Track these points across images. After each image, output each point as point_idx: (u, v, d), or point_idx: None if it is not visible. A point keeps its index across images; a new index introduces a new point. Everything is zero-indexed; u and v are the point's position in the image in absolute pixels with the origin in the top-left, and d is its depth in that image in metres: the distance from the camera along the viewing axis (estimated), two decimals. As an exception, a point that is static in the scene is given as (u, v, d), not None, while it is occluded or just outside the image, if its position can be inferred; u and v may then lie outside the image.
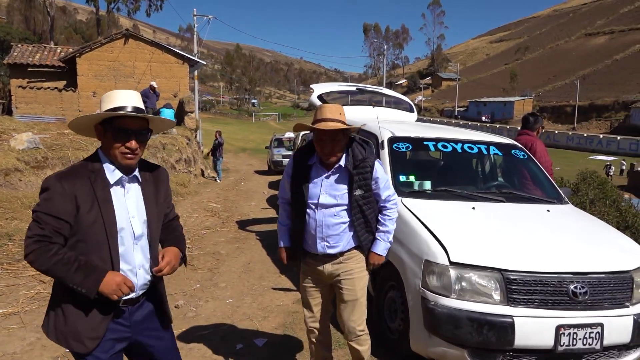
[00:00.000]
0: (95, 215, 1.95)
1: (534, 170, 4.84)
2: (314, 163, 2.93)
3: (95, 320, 2.00)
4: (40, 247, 1.88)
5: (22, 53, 21.72)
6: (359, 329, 3.05)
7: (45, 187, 1.94)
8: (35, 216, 1.93)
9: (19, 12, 50.56)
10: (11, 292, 5.05)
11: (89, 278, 1.91)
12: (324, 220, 2.89)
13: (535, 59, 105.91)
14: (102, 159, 2.05)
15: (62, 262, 1.89)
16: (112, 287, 1.94)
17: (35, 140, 9.62)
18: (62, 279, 1.92)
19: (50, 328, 2.03)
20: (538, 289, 3.16)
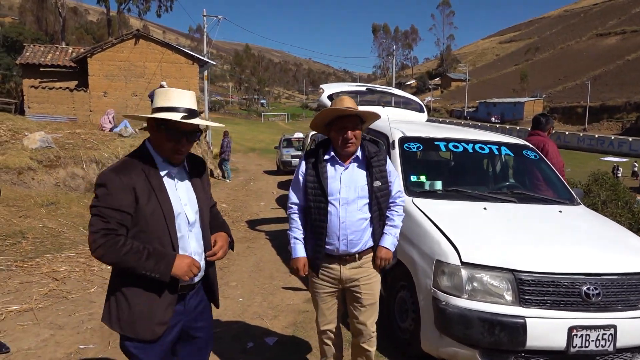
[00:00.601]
0: (154, 205, 2.01)
1: (546, 170, 4.82)
2: (331, 157, 2.92)
3: (161, 307, 2.04)
4: (108, 241, 1.92)
5: (34, 53, 21.93)
6: (372, 331, 3.06)
7: (102, 182, 1.97)
8: (97, 211, 1.96)
9: (31, 13, 51.06)
10: (25, 289, 5.11)
11: (161, 263, 1.96)
12: (347, 217, 2.85)
13: (545, 59, 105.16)
14: (151, 151, 2.10)
15: (132, 252, 1.93)
16: (184, 269, 2.01)
17: (48, 139, 9.72)
18: (134, 269, 1.95)
19: (113, 319, 2.06)
20: (550, 290, 3.15)
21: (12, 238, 6.55)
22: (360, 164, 2.91)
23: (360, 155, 2.92)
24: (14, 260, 5.89)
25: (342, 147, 2.85)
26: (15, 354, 3.75)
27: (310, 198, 2.93)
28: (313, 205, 2.93)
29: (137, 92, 21.31)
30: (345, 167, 2.90)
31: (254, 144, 39.79)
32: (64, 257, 6.23)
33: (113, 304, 2.07)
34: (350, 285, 2.98)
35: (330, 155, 2.92)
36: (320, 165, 2.91)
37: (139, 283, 2.01)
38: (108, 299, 2.11)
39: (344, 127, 2.81)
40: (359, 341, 3.10)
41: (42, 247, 6.53)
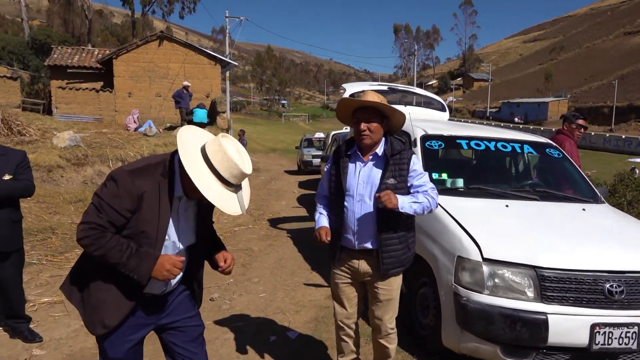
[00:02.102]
0: (151, 221, 2.00)
1: (569, 169, 4.79)
2: (353, 153, 2.98)
3: (112, 308, 2.04)
4: (95, 234, 1.94)
5: (61, 55, 22.48)
6: (390, 327, 3.07)
7: (115, 178, 1.95)
8: (97, 202, 1.96)
9: (59, 16, 52.21)
10: (55, 282, 5.28)
11: (141, 265, 1.97)
12: (362, 212, 2.89)
13: (571, 58, 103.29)
14: (176, 172, 2.05)
15: (116, 248, 1.94)
16: (163, 273, 2.01)
17: (76, 138, 9.98)
18: (115, 265, 1.97)
19: (75, 296, 2.10)
20: (572, 287, 3.14)
21: (42, 233, 6.77)
22: (379, 160, 2.93)
23: (381, 152, 2.93)
24: (45, 254, 6.09)
25: (358, 138, 2.91)
26: (48, 343, 3.89)
27: (332, 192, 3.03)
28: (333, 199, 3.03)
29: (160, 93, 21.68)
30: (364, 164, 2.94)
31: (274, 144, 39.97)
32: (92, 252, 6.40)
33: (77, 281, 2.11)
34: (368, 279, 3.02)
35: (352, 150, 2.98)
36: (342, 160, 2.97)
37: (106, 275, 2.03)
38: (74, 272, 2.15)
39: (358, 119, 2.87)
40: (377, 337, 3.13)
41: (71, 242, 6.71)
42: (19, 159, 3.64)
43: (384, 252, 2.89)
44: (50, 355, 3.71)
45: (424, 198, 2.83)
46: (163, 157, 2.10)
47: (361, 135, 2.86)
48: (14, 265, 3.73)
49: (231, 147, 1.97)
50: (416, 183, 2.90)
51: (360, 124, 2.85)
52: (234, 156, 1.95)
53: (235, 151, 1.97)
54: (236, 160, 1.95)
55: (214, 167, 1.95)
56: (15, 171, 3.56)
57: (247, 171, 2.00)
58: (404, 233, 2.95)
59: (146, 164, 2.03)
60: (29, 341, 3.85)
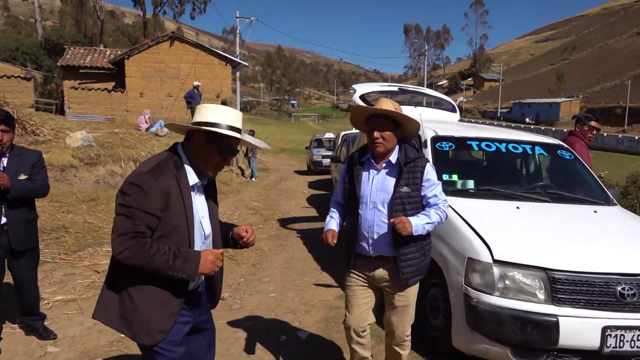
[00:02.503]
0: (180, 214, 2.01)
1: (581, 171, 4.77)
2: (367, 160, 2.96)
3: (164, 311, 2.04)
4: (137, 243, 1.90)
5: (74, 56, 22.70)
6: (406, 335, 3.04)
7: (138, 182, 1.93)
8: (126, 212, 1.92)
9: (71, 17, 52.72)
10: (69, 280, 5.35)
11: (187, 263, 1.97)
12: (375, 220, 2.87)
13: (583, 58, 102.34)
14: (184, 158, 2.09)
15: (160, 253, 1.92)
16: (209, 265, 2.03)
17: (89, 138, 10.09)
18: (160, 270, 1.94)
19: (113, 317, 2.04)
20: (584, 289, 3.14)
21: (56, 232, 6.86)
22: (393, 168, 2.90)
23: (394, 159, 2.89)
24: (58, 253, 6.17)
25: (371, 146, 2.89)
26: (62, 340, 3.95)
27: (346, 199, 3.03)
28: (347, 206, 3.03)
29: (171, 93, 21.82)
30: (377, 171, 2.92)
31: (284, 144, 40.02)
32: (104, 251, 6.47)
33: (114, 304, 2.04)
34: (384, 285, 2.99)
35: (366, 158, 2.96)
36: (356, 168, 2.97)
37: (147, 283, 2.00)
38: (106, 295, 2.08)
39: (371, 127, 2.85)
40: (391, 343, 3.11)
41: (84, 241, 6.80)
42: (34, 159, 3.70)
43: (402, 261, 2.85)
44: (64, 352, 3.77)
45: (436, 215, 2.84)
46: (167, 153, 2.11)
47: (374, 143, 2.84)
48: (30, 263, 3.80)
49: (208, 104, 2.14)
50: (429, 194, 2.88)
51: (373, 132, 2.83)
52: (222, 106, 2.12)
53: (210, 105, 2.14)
54: (223, 107, 2.11)
55: (217, 121, 2.06)
56: (31, 171, 3.62)
57: (237, 112, 2.13)
58: (421, 241, 2.92)
59: (158, 162, 2.03)
60: (43, 338, 3.91)
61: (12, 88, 19.77)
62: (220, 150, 2.07)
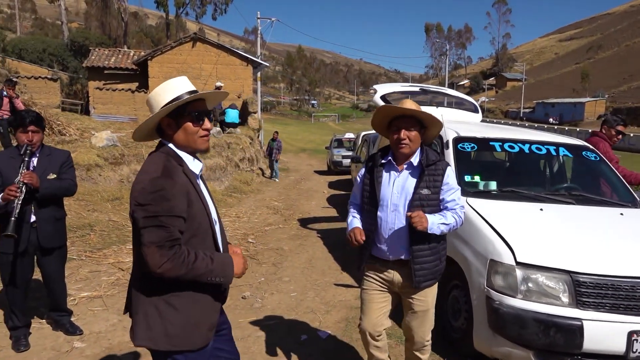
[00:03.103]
0: (199, 207, 1.96)
1: (607, 172, 4.68)
2: (387, 162, 2.92)
3: (211, 311, 2.03)
4: (176, 252, 1.81)
5: (99, 57, 23.12)
6: (426, 340, 3.01)
7: (157, 189, 1.82)
8: (155, 222, 1.80)
9: (96, 19, 53.59)
10: (94, 277, 5.47)
11: (226, 266, 1.95)
12: (396, 223, 2.84)
13: (609, 57, 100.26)
14: (179, 152, 2.00)
15: (199, 259, 1.86)
16: (241, 266, 2.02)
17: (114, 138, 10.27)
18: (200, 276, 1.87)
19: (158, 337, 1.90)
20: (609, 293, 3.09)
21: (81, 230, 7.00)
22: (414, 170, 2.87)
23: (416, 161, 2.87)
24: (84, 250, 6.31)
25: (396, 147, 2.85)
26: (88, 336, 4.04)
27: (364, 201, 2.98)
28: (366, 209, 2.97)
29: (193, 93, 22.00)
30: (399, 173, 2.88)
31: (304, 145, 40.15)
32: (128, 249, 6.59)
33: (155, 320, 1.90)
34: (402, 290, 2.96)
35: (387, 159, 2.92)
36: (377, 169, 2.92)
37: (187, 292, 1.93)
38: (145, 317, 1.92)
39: (398, 127, 2.82)
40: (412, 348, 3.08)
41: (109, 239, 6.93)
42: (63, 158, 3.79)
43: (415, 264, 2.83)
44: (90, 347, 3.85)
45: (452, 218, 2.81)
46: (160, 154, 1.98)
47: (401, 144, 2.81)
48: (58, 260, 3.90)
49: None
50: (447, 198, 2.84)
51: (400, 132, 2.80)
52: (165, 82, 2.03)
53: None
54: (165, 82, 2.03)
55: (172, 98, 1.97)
56: (59, 170, 3.72)
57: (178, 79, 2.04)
58: (435, 244, 2.88)
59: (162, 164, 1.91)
60: (70, 334, 4.01)
61: (39, 89, 20.24)
62: (193, 120, 1.98)
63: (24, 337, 3.79)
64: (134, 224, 1.91)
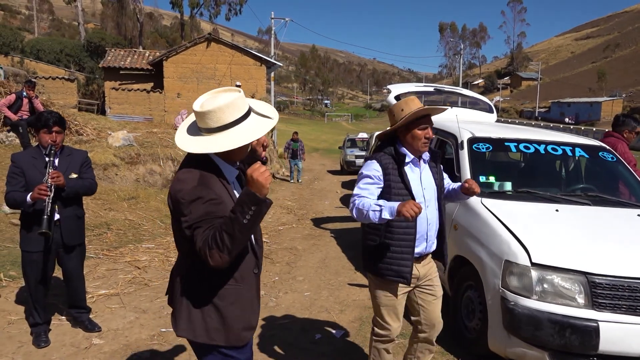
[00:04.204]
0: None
1: (624, 173, 4.64)
2: (411, 160, 2.90)
3: (250, 311, 2.08)
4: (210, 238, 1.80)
5: (114, 57, 23.38)
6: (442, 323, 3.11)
7: (196, 196, 1.85)
8: (206, 224, 1.83)
9: (112, 19, 54.20)
10: (111, 275, 5.55)
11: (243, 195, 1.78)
12: (432, 217, 2.91)
13: (626, 56, 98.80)
14: (216, 159, 2.00)
15: (226, 223, 1.78)
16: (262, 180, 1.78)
17: (130, 138, 10.40)
18: (241, 231, 1.77)
19: (199, 330, 1.99)
20: (626, 295, 3.07)
21: (98, 229, 7.11)
22: (426, 164, 2.97)
23: (426, 155, 2.97)
24: (101, 249, 6.40)
25: (422, 145, 2.85)
26: (106, 333, 4.12)
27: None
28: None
29: (208, 93, 22.16)
30: (420, 169, 2.93)
31: (317, 144, 40.19)
32: (144, 247, 6.68)
33: (196, 314, 2.00)
34: (424, 281, 2.98)
35: (410, 157, 2.89)
36: (402, 168, 2.86)
37: (227, 292, 2.00)
38: (187, 310, 2.02)
39: (425, 127, 2.84)
40: (431, 336, 3.07)
41: (125, 237, 7.03)
42: (82, 158, 3.90)
43: (445, 247, 3.06)
44: (108, 344, 3.92)
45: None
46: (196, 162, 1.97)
47: (426, 142, 2.86)
48: (78, 257, 3.99)
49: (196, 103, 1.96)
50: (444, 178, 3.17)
51: (428, 130, 2.84)
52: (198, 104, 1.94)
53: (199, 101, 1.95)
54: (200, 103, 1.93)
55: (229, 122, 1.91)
56: (80, 170, 3.81)
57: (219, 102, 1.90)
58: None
59: (200, 174, 1.92)
60: (89, 330, 4.08)
61: (56, 89, 20.56)
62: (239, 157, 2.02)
63: (44, 333, 3.87)
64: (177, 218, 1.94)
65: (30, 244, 3.68)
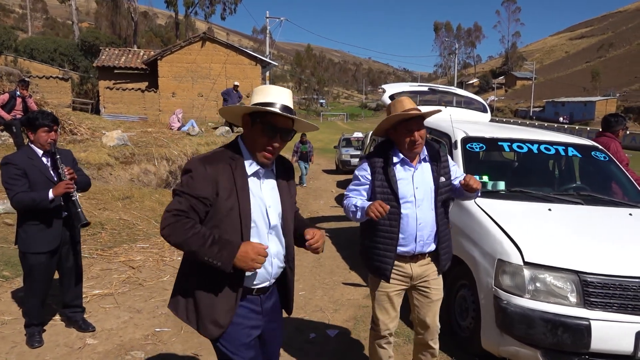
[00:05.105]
0: (233, 202, 1.98)
1: (616, 172, 4.68)
2: (400, 160, 2.92)
3: (222, 307, 2.02)
4: (177, 221, 1.92)
5: (109, 56, 23.32)
6: (439, 326, 3.09)
7: (188, 168, 1.98)
8: (178, 193, 1.98)
9: (106, 18, 53.97)
10: (105, 275, 5.54)
11: (223, 250, 1.90)
12: (423, 217, 2.87)
13: (620, 56, 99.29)
14: (242, 148, 2.08)
15: (198, 235, 1.91)
16: (247, 260, 1.90)
17: (124, 137, 10.38)
18: (196, 253, 1.92)
19: (180, 308, 2.09)
20: (617, 293, 3.10)
21: (92, 228, 7.08)
22: (425, 163, 2.95)
23: (426, 154, 2.96)
24: (95, 249, 6.38)
25: (409, 149, 2.85)
26: (100, 332, 4.11)
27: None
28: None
29: (202, 93, 22.18)
30: (415, 168, 2.91)
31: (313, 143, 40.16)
32: (139, 247, 6.67)
33: (179, 294, 2.10)
34: (419, 282, 2.98)
35: (399, 157, 2.91)
36: (389, 168, 2.89)
37: (205, 276, 2.01)
38: (176, 286, 2.14)
39: (410, 130, 2.81)
40: (426, 339, 3.08)
41: (119, 237, 7.01)
42: (71, 157, 3.99)
43: (441, 249, 2.96)
44: (102, 344, 3.92)
45: None
46: (227, 145, 2.13)
47: (416, 144, 2.83)
48: (78, 254, 4.05)
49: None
50: (456, 175, 3.07)
51: (412, 134, 2.81)
52: (266, 85, 2.13)
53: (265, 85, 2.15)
54: (267, 85, 2.10)
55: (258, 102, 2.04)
56: (73, 167, 3.84)
57: (278, 87, 2.10)
58: (447, 227, 3.02)
59: (214, 151, 2.08)
60: (83, 330, 4.08)
61: (50, 88, 20.47)
62: (263, 130, 2.01)
63: (38, 333, 3.87)
64: None
65: (38, 245, 3.68)
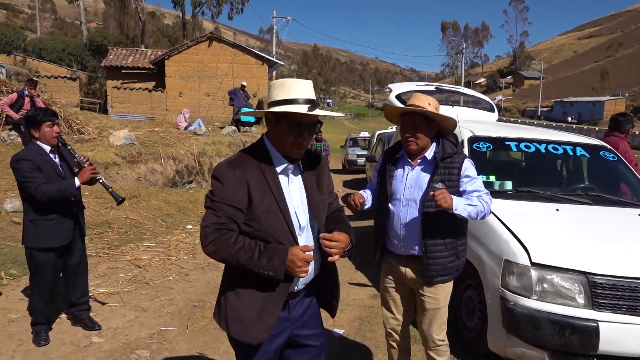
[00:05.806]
0: (269, 202, 1.91)
1: (625, 172, 4.63)
2: (401, 156, 2.91)
3: (267, 312, 1.94)
4: (220, 237, 1.84)
5: (116, 56, 23.43)
6: (439, 339, 2.93)
7: (217, 175, 1.90)
8: (209, 205, 1.90)
9: (114, 18, 54.20)
10: (112, 274, 5.56)
11: (274, 259, 1.82)
12: (408, 217, 2.80)
13: (629, 55, 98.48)
14: (269, 146, 1.99)
15: (245, 248, 1.84)
16: (295, 269, 1.83)
17: (131, 137, 10.41)
18: (246, 266, 1.85)
19: (222, 317, 2.01)
20: (626, 295, 3.06)
21: (99, 227, 7.12)
22: (429, 164, 2.82)
23: (430, 155, 2.82)
24: (102, 247, 6.41)
25: (403, 144, 2.86)
26: (106, 331, 4.12)
27: (379, 194, 2.98)
28: (379, 202, 2.98)
29: (209, 92, 22.23)
30: (412, 168, 2.85)
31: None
32: (145, 246, 6.69)
33: (223, 301, 2.01)
34: (417, 287, 2.92)
35: (400, 154, 2.91)
36: (389, 164, 2.93)
37: (248, 284, 1.93)
38: (219, 296, 2.05)
39: (405, 125, 2.81)
40: (426, 348, 3.03)
41: (126, 236, 7.04)
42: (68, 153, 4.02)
43: (428, 259, 2.76)
44: (108, 343, 3.93)
45: (479, 202, 2.69)
46: (253, 145, 2.05)
47: (407, 141, 2.79)
48: (83, 253, 4.08)
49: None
50: (470, 188, 2.76)
51: (406, 130, 2.78)
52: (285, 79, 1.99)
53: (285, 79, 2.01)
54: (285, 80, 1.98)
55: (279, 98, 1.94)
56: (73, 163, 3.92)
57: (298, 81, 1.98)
58: (453, 240, 2.81)
59: (240, 153, 1.99)
60: (88, 329, 4.09)
61: (58, 88, 20.60)
62: (289, 130, 1.92)
63: (44, 331, 3.88)
64: None
65: (52, 239, 3.71)
